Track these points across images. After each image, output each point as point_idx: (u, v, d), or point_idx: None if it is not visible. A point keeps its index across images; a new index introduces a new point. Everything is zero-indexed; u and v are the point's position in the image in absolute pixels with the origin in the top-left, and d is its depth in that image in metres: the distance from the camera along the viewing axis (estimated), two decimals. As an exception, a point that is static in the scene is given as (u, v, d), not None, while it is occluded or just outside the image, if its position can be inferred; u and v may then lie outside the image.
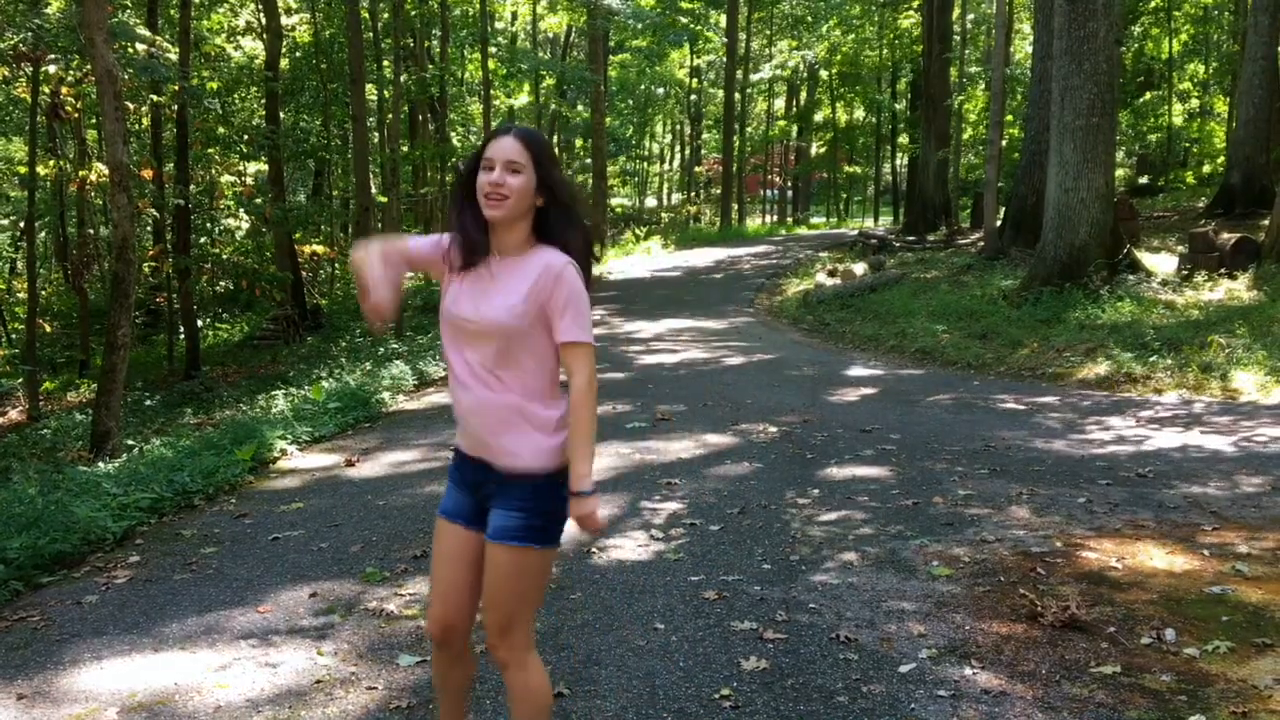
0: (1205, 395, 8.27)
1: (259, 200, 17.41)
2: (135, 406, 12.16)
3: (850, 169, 40.47)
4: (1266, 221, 13.25)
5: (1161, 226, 17.34)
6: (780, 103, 42.83)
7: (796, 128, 39.60)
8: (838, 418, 7.58)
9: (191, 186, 15.97)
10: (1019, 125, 21.76)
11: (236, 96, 20.37)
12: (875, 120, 38.22)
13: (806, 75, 38.43)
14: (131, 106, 15.25)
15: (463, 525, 2.48)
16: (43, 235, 22.55)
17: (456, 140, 24.49)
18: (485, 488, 2.44)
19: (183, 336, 16.47)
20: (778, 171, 43.25)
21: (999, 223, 16.76)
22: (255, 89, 20.29)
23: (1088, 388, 8.86)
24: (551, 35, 36.74)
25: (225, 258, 17.73)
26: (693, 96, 40.59)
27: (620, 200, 41.25)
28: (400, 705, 3.21)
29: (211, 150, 17.77)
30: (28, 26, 12.08)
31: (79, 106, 15.29)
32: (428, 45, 24.04)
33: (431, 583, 2.55)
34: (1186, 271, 12.27)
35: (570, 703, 3.21)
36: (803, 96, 40.52)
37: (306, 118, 22.20)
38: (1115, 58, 12.38)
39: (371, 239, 2.53)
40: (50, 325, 19.57)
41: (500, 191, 2.30)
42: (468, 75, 26.74)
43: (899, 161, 37.82)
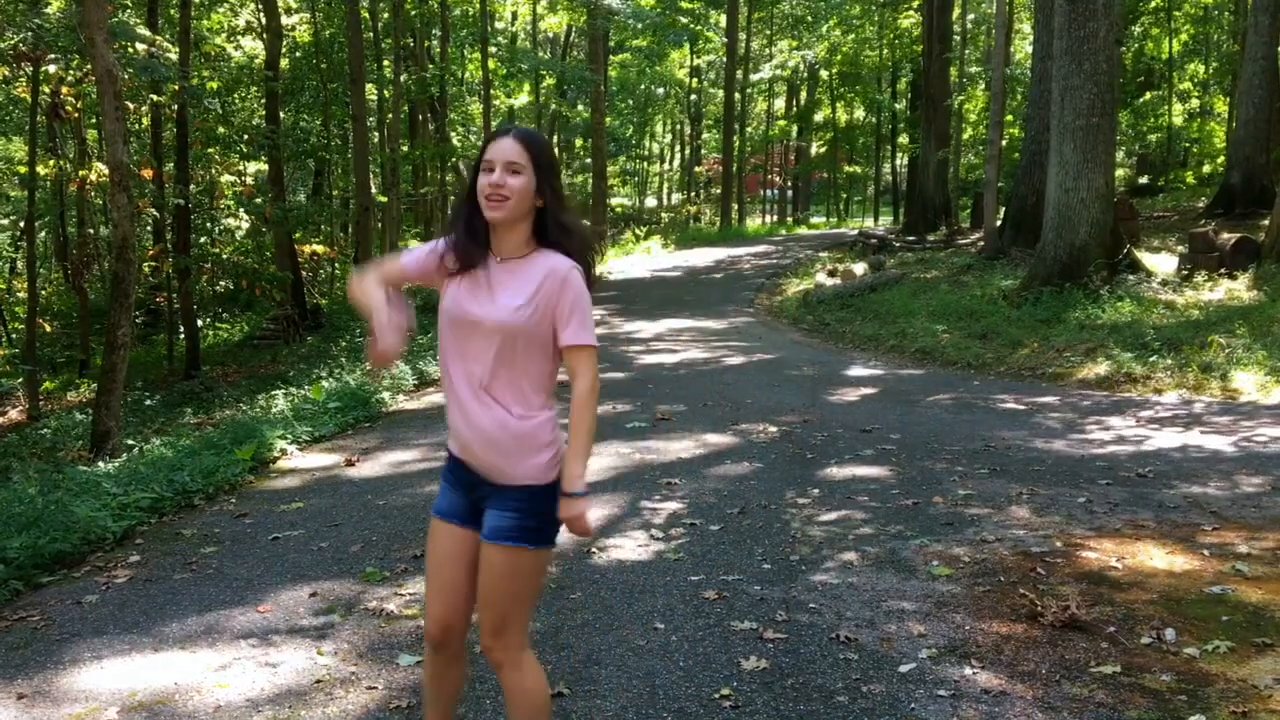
0: (1205, 395, 8.27)
1: (259, 200, 17.41)
2: (135, 406, 12.16)
3: (850, 169, 40.47)
4: (1266, 221, 13.25)
5: (1161, 226, 17.34)
6: (780, 103, 42.84)
7: (796, 128, 39.61)
8: (838, 418, 7.58)
9: (191, 186, 15.97)
10: (1019, 125, 21.77)
11: (236, 96, 20.37)
12: (875, 120, 38.23)
13: (806, 75, 38.44)
14: (131, 106, 15.25)
15: (458, 525, 2.47)
16: (43, 235, 22.56)
17: (456, 140, 24.50)
18: (480, 489, 2.43)
19: (183, 336, 16.46)
20: (778, 171, 43.25)
21: (999, 223, 16.76)
22: (255, 89, 20.29)
23: (1088, 388, 8.86)
24: (551, 35, 36.75)
25: (225, 257, 17.72)
26: (693, 96, 40.60)
27: (620, 200, 41.26)
28: (400, 705, 3.21)
29: (211, 150, 17.76)
30: (28, 26, 12.08)
31: (79, 106, 15.30)
32: (428, 45, 24.04)
33: (428, 583, 2.53)
34: (1186, 271, 12.28)
35: (570, 702, 3.21)
36: (803, 96, 40.53)
37: (306, 117, 22.20)
38: (1115, 58, 12.38)
39: (368, 269, 2.48)
40: (50, 325, 19.56)
41: (501, 193, 2.30)
42: (468, 75, 26.75)
43: (899, 161, 37.82)
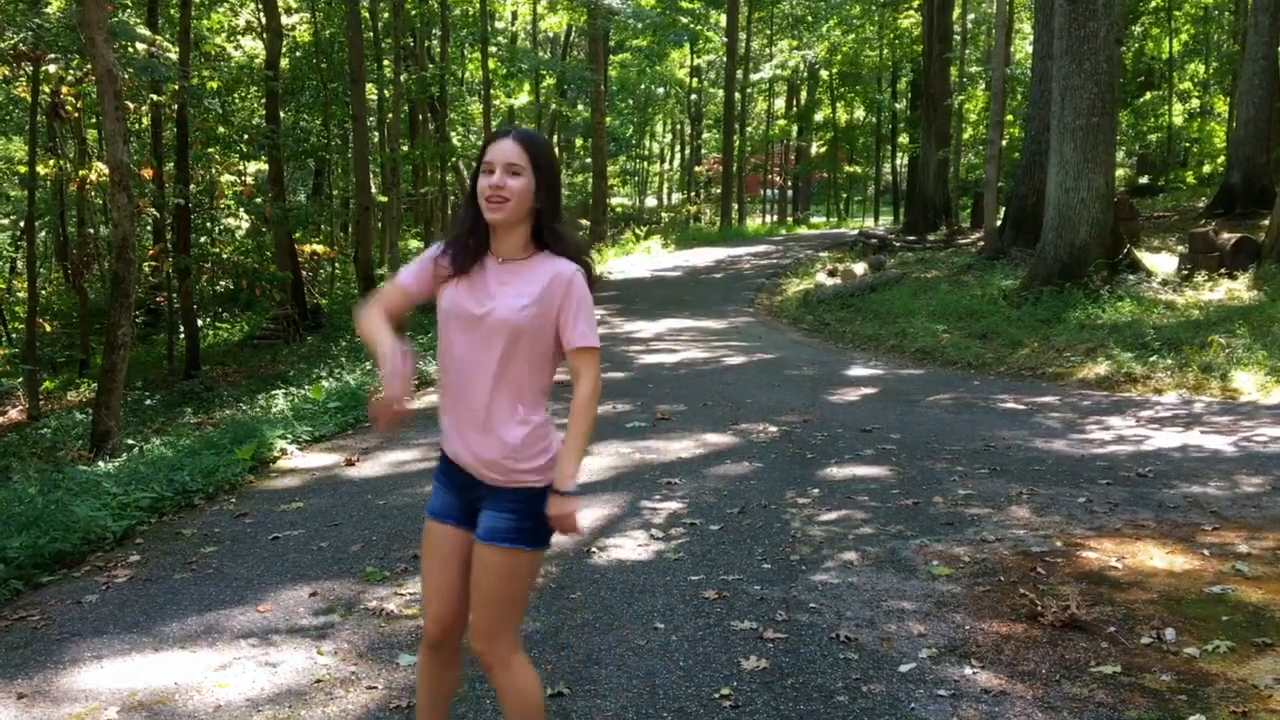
0: (1205, 395, 8.27)
1: (259, 200, 17.42)
2: (135, 406, 12.17)
3: (850, 169, 40.47)
4: (1267, 221, 13.25)
5: (1162, 226, 17.34)
6: (780, 102, 42.83)
7: (796, 127, 39.61)
8: (838, 417, 7.58)
9: (191, 186, 15.97)
10: (1019, 125, 21.76)
11: (236, 96, 20.37)
12: (875, 120, 38.23)
13: (806, 75, 38.44)
14: (131, 106, 15.25)
15: (453, 525, 2.46)
16: (43, 235, 22.56)
17: (456, 140, 24.50)
18: (475, 490, 2.43)
19: (183, 336, 16.47)
20: (778, 171, 43.24)
21: (999, 222, 16.76)
22: (255, 88, 20.30)
23: (1088, 387, 8.86)
24: (552, 35, 36.75)
25: (225, 257, 17.74)
26: (693, 96, 40.60)
27: (620, 200, 41.26)
28: (400, 705, 3.21)
29: (212, 150, 17.78)
30: (28, 26, 12.08)
31: (79, 106, 15.30)
32: (428, 45, 24.04)
33: (425, 584, 2.52)
34: (1187, 271, 12.27)
35: (570, 702, 3.21)
36: (803, 96, 40.53)
37: (306, 117, 22.21)
38: (1115, 57, 12.38)
39: (372, 302, 2.44)
40: (50, 325, 19.57)
41: (501, 194, 2.29)
42: (468, 75, 26.75)
43: (899, 161, 37.82)
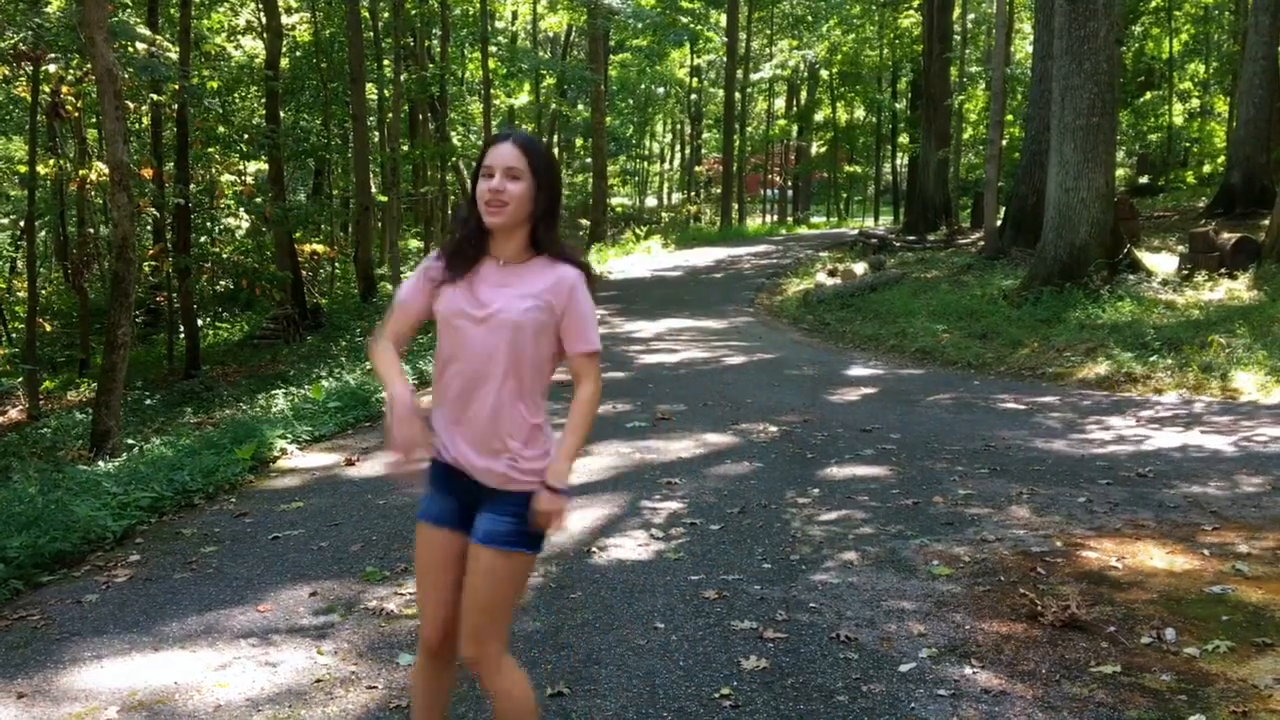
0: (1205, 395, 8.27)
1: (259, 199, 17.42)
2: (135, 406, 12.16)
3: (850, 169, 40.48)
4: (1267, 221, 13.25)
5: (1162, 226, 17.34)
6: (780, 102, 42.84)
7: (797, 127, 39.61)
8: (838, 417, 7.58)
9: (191, 186, 15.96)
10: (1019, 125, 21.77)
11: (237, 96, 20.37)
12: (875, 120, 38.23)
13: (807, 75, 38.44)
14: (132, 105, 15.25)
15: (449, 530, 2.43)
16: (43, 234, 22.56)
17: (457, 140, 24.49)
18: (473, 493, 2.41)
19: (183, 336, 16.47)
20: (778, 171, 43.25)
21: (999, 222, 16.76)
22: (255, 88, 20.29)
23: (1088, 387, 8.86)
24: (552, 35, 36.76)
25: (225, 257, 17.73)
26: (693, 96, 40.60)
27: (620, 200, 41.27)
28: (400, 705, 3.21)
29: (212, 149, 17.77)
30: (28, 25, 12.08)
31: (79, 106, 15.30)
32: (428, 44, 24.04)
33: (421, 589, 2.48)
34: (1187, 271, 12.27)
35: (570, 702, 3.21)
36: (803, 96, 40.53)
37: (307, 117, 22.21)
38: (1116, 57, 12.38)
39: (381, 332, 2.44)
40: (50, 324, 19.56)
41: (500, 198, 2.30)
42: (468, 74, 26.75)
43: (899, 161, 37.82)
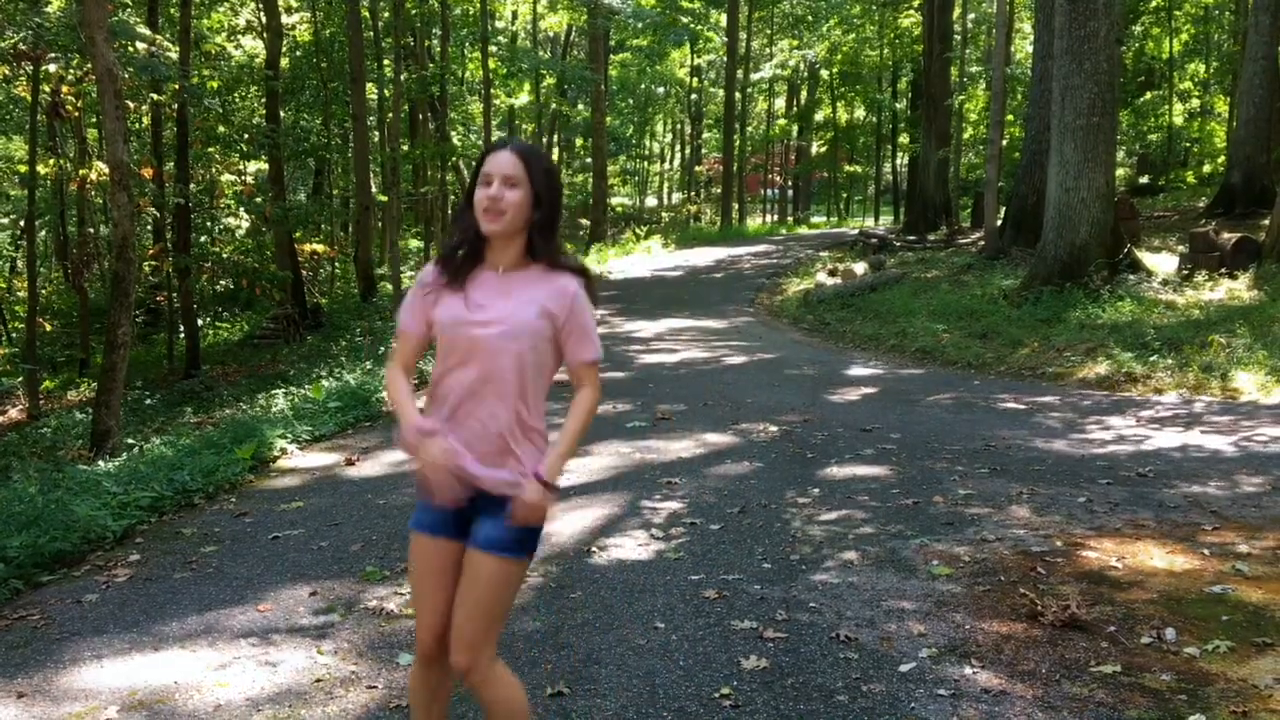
0: (1205, 395, 8.27)
1: (259, 199, 17.42)
2: (135, 405, 12.16)
3: (851, 168, 40.46)
4: (1267, 221, 13.24)
5: (1162, 226, 17.33)
6: (781, 102, 42.83)
7: (797, 127, 39.60)
8: (838, 417, 7.58)
9: (192, 185, 15.96)
10: (1019, 125, 21.76)
11: (237, 95, 20.37)
12: (876, 120, 38.21)
13: (807, 74, 38.44)
14: (132, 105, 15.26)
15: (446, 539, 2.42)
16: (43, 234, 22.56)
17: (457, 139, 24.49)
18: (475, 500, 2.39)
19: (183, 335, 16.47)
20: (778, 171, 43.24)
21: (999, 222, 16.76)
22: (255, 88, 20.29)
23: (1088, 387, 8.86)
24: (552, 34, 36.75)
25: (225, 257, 17.73)
26: (693, 96, 40.60)
27: (620, 199, 41.26)
28: (400, 704, 3.21)
29: (212, 149, 17.77)
30: (28, 25, 12.08)
31: (79, 105, 15.30)
32: (428, 44, 24.04)
33: (417, 598, 2.46)
34: (1187, 271, 12.27)
35: (570, 701, 3.21)
36: (803, 96, 40.53)
37: (307, 116, 22.20)
38: (1116, 57, 12.37)
39: (391, 361, 2.46)
40: (50, 324, 19.56)
41: (498, 206, 2.30)
42: (468, 74, 26.74)
43: (899, 161, 37.81)
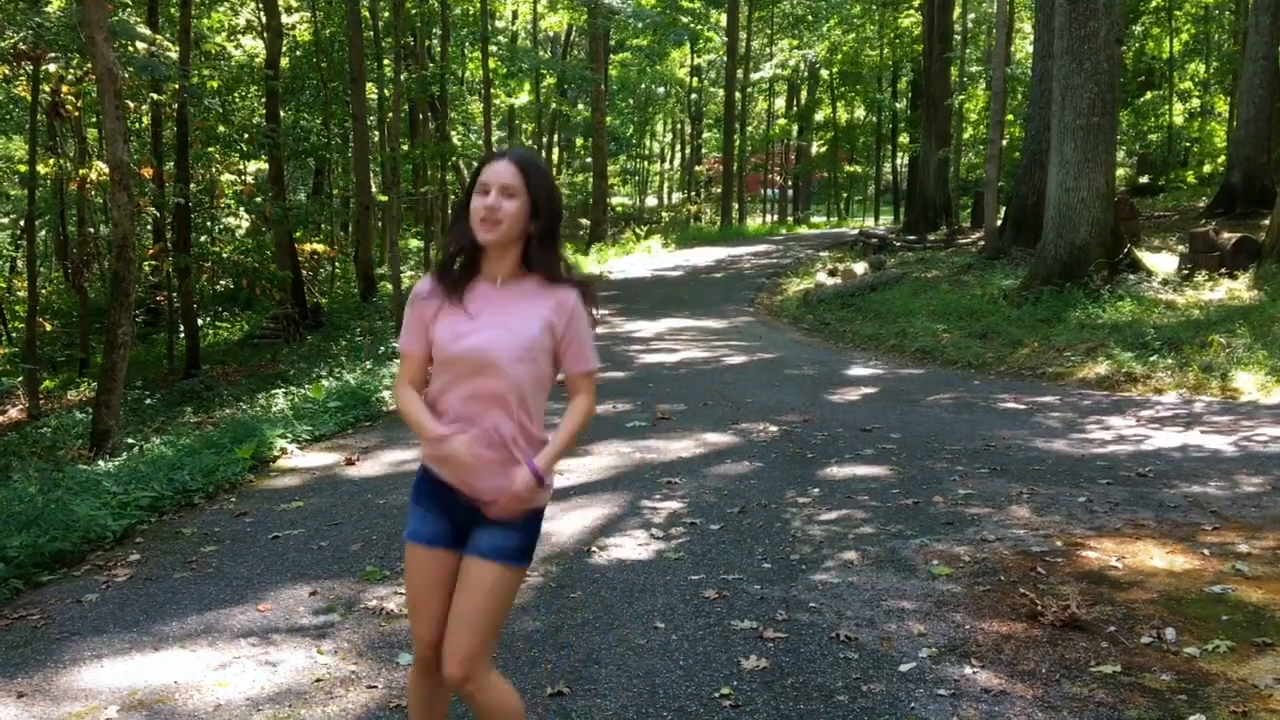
0: (1205, 395, 8.27)
1: (259, 199, 17.42)
2: (135, 405, 12.16)
3: (851, 168, 40.46)
4: (1267, 221, 13.24)
5: (1162, 226, 17.33)
6: (781, 102, 42.83)
7: (797, 127, 39.60)
8: (838, 417, 7.58)
9: (192, 185, 15.97)
10: (1020, 125, 21.75)
11: (237, 95, 20.37)
12: (876, 119, 38.21)
13: (807, 74, 38.44)
14: (132, 105, 15.25)
15: (444, 550, 2.41)
16: (43, 234, 22.56)
17: (457, 139, 24.49)
18: (471, 513, 2.38)
19: (183, 335, 16.47)
20: (778, 171, 43.23)
21: (999, 222, 16.76)
22: (255, 87, 20.30)
23: (1088, 387, 8.86)
24: (552, 34, 36.74)
25: (225, 256, 17.73)
26: (693, 95, 40.58)
27: (620, 199, 41.23)
28: (400, 704, 3.21)
29: (212, 149, 17.77)
30: (28, 25, 12.09)
31: (79, 105, 15.30)
32: (428, 44, 24.04)
33: (414, 609, 2.44)
34: (1187, 271, 12.27)
35: (570, 701, 3.21)
36: (803, 96, 40.52)
37: (307, 116, 22.20)
38: (1116, 57, 12.37)
39: (400, 383, 2.43)
40: (50, 324, 19.56)
41: (495, 215, 2.29)
42: (468, 74, 26.74)
43: (899, 161, 37.81)
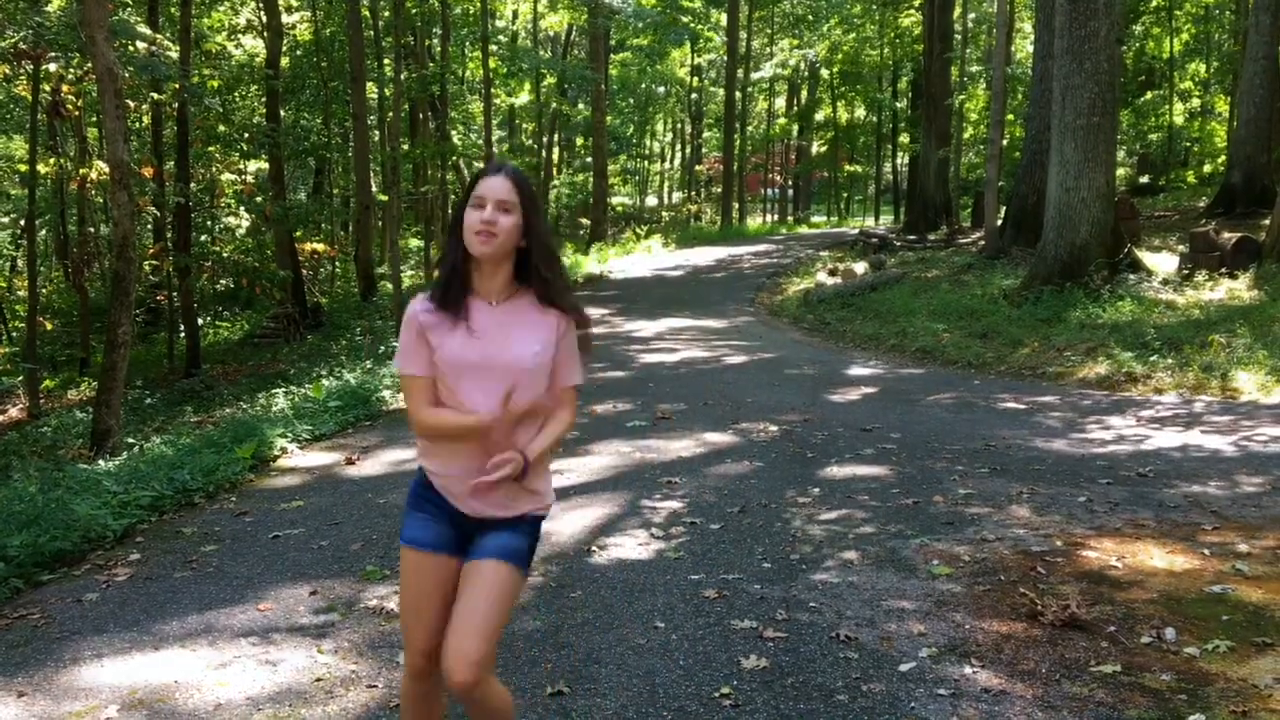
0: (1205, 395, 8.26)
1: (259, 198, 17.43)
2: (135, 404, 12.17)
3: (851, 168, 40.46)
4: (1267, 221, 13.24)
5: (1162, 226, 17.33)
6: (781, 101, 42.83)
7: (797, 126, 39.60)
8: (838, 417, 7.58)
9: (192, 184, 15.97)
10: (1020, 124, 21.76)
11: (237, 95, 20.39)
12: (876, 119, 38.21)
13: (807, 74, 38.44)
14: (132, 104, 15.26)
15: (445, 555, 2.42)
16: (43, 233, 22.57)
17: (457, 139, 24.51)
18: (480, 521, 2.41)
19: (183, 334, 16.48)
20: (778, 170, 43.24)
21: (1000, 222, 16.76)
22: (256, 87, 20.31)
23: (1088, 387, 8.86)
24: (552, 34, 36.72)
25: (226, 256, 17.75)
26: (693, 95, 40.56)
27: (621, 199, 41.21)
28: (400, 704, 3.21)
29: (212, 148, 17.78)
30: (28, 24, 12.09)
31: (79, 104, 15.31)
32: (428, 43, 24.05)
33: (408, 615, 2.44)
34: (1187, 271, 12.26)
35: (570, 701, 3.21)
36: (803, 95, 40.53)
37: (307, 116, 22.21)
38: (1116, 57, 12.37)
39: (417, 410, 2.41)
40: (50, 323, 19.56)
41: (491, 229, 2.31)
42: (468, 74, 26.75)
43: (900, 160, 37.80)
